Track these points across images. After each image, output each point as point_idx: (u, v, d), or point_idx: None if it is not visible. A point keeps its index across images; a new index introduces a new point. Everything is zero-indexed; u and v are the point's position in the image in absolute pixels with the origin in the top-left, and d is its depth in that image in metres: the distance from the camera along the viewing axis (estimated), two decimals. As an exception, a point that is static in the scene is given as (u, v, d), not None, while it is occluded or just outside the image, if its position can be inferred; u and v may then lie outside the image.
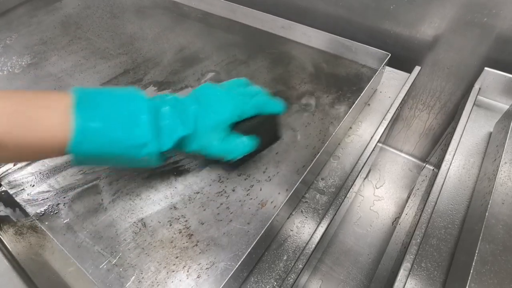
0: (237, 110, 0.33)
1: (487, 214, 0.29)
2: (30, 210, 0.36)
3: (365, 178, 0.69)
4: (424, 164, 0.68)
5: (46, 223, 0.35)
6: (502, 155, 0.34)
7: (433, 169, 0.64)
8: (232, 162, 0.35)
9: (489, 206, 0.30)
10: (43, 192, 0.38)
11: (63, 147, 0.27)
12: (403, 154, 0.72)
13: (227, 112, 0.32)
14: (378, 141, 0.42)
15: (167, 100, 0.32)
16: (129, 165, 0.34)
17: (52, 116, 0.27)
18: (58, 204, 0.36)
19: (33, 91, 0.28)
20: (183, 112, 0.32)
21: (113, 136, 0.28)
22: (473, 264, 0.26)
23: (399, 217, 0.63)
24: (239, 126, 0.34)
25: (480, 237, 0.28)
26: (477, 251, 0.27)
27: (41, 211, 0.36)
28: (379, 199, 0.67)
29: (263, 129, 0.36)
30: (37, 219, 0.35)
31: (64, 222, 0.35)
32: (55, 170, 0.40)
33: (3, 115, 0.26)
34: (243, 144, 0.34)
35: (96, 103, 0.29)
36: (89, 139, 0.28)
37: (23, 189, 0.38)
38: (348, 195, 0.38)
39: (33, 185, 0.38)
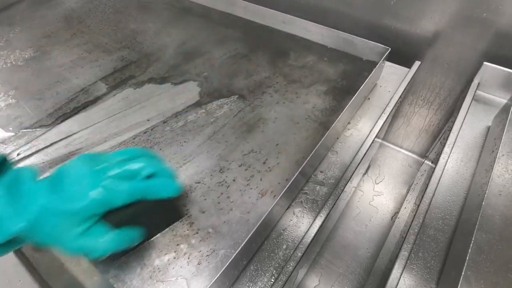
0: (100, 198, 0.26)
1: (483, 204, 0.30)
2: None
3: (364, 174, 0.69)
4: (423, 160, 0.69)
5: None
6: (499, 147, 0.34)
7: (432, 165, 0.64)
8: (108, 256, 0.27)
9: (485, 196, 0.30)
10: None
11: None
12: (402, 150, 0.72)
13: (85, 202, 0.25)
14: (378, 136, 0.43)
15: (8, 182, 0.26)
16: None
17: None
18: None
19: None
20: (24, 202, 0.25)
21: None
22: (469, 252, 0.27)
23: (398, 212, 0.63)
24: (121, 211, 0.27)
25: (476, 227, 0.28)
26: (473, 240, 0.28)
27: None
28: (379, 194, 0.67)
29: (157, 212, 0.31)
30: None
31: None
32: (58, 160, 0.40)
33: None
34: (107, 241, 0.27)
35: None
36: None
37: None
38: (347, 187, 0.38)
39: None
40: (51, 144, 0.42)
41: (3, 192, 0.25)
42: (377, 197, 0.67)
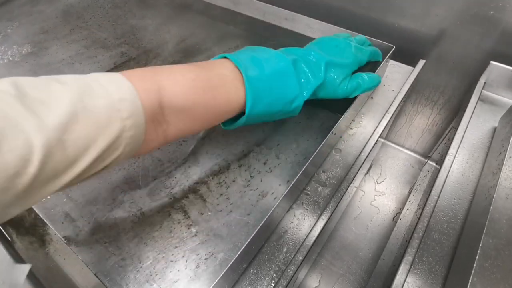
0: (357, 58, 0.39)
1: (491, 208, 0.29)
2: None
3: (366, 174, 0.68)
4: (426, 160, 0.68)
5: (44, 212, 0.35)
6: (507, 150, 0.33)
7: (435, 165, 0.63)
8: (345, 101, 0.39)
9: (493, 200, 0.29)
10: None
11: (239, 110, 0.33)
12: (405, 150, 0.71)
13: (352, 59, 0.38)
14: (381, 136, 0.42)
15: (298, 54, 0.36)
16: (277, 118, 0.37)
17: (227, 82, 0.31)
18: (57, 193, 0.36)
19: (202, 63, 0.32)
20: (315, 64, 0.36)
21: (274, 95, 0.33)
22: (476, 258, 0.26)
23: (400, 213, 0.62)
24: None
25: (484, 231, 0.28)
26: (480, 245, 0.27)
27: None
28: (380, 194, 0.66)
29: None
30: (35, 208, 0.35)
31: (62, 210, 0.34)
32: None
33: (196, 83, 0.29)
34: (364, 80, 0.39)
35: (254, 68, 0.32)
36: (257, 101, 0.32)
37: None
38: (349, 188, 0.37)
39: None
40: (47, 142, 0.41)
41: (305, 63, 0.36)
42: (379, 197, 0.66)
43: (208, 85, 0.30)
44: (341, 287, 0.56)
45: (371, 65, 0.44)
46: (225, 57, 0.34)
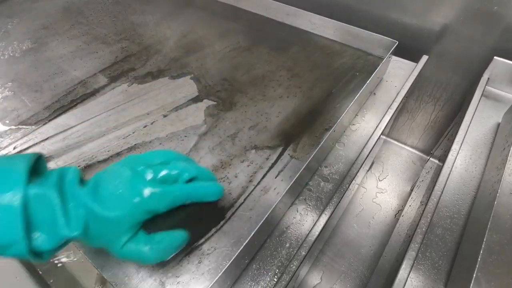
0: (144, 205, 0.25)
1: (495, 203, 0.28)
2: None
3: (368, 170, 0.68)
4: (428, 157, 0.68)
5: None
6: (511, 145, 0.33)
7: (438, 162, 0.63)
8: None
9: (497, 195, 0.29)
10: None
11: None
12: (407, 147, 0.71)
13: (128, 209, 0.25)
14: (383, 132, 0.41)
15: (55, 187, 0.25)
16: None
17: None
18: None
19: None
20: (71, 208, 0.25)
21: None
22: (480, 253, 0.26)
23: (401, 210, 0.62)
24: (163, 218, 0.27)
25: (488, 227, 0.27)
26: (484, 241, 0.27)
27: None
28: (382, 191, 0.66)
29: (199, 216, 0.30)
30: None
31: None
32: (55, 154, 0.39)
33: None
34: (156, 246, 0.26)
35: None
36: None
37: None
38: (351, 184, 0.37)
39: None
40: (48, 138, 0.41)
41: (55, 195, 0.24)
42: (381, 194, 0.66)
43: None
44: (343, 284, 0.56)
45: (367, 63, 0.43)
46: None
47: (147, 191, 0.25)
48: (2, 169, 0.24)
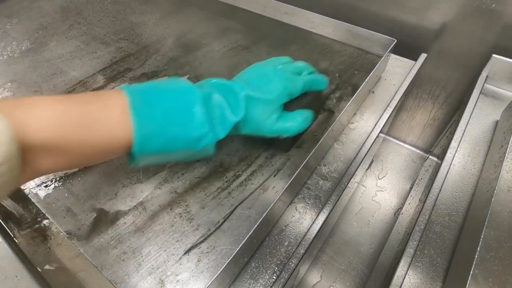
0: (286, 90, 0.33)
1: (493, 200, 0.29)
2: (31, 195, 0.36)
3: (367, 169, 0.68)
4: (428, 155, 0.68)
5: (46, 207, 0.35)
6: (509, 142, 0.33)
7: (437, 160, 0.63)
8: (288, 139, 0.36)
9: (495, 192, 0.29)
10: (43, 176, 0.37)
11: (126, 148, 0.28)
12: (406, 145, 0.71)
13: (277, 93, 0.32)
14: (382, 130, 0.42)
15: (214, 87, 0.31)
16: (187, 159, 0.33)
17: (111, 118, 0.26)
18: (59, 188, 0.36)
19: (83, 94, 0.28)
20: (233, 99, 0.31)
21: (172, 133, 0.28)
22: (478, 250, 0.26)
23: (401, 208, 0.62)
24: (288, 104, 0.35)
25: (485, 224, 0.27)
26: (481, 238, 0.27)
27: (40, 194, 0.36)
28: (382, 190, 0.66)
29: (312, 107, 0.37)
30: (36, 203, 0.35)
31: (64, 205, 0.34)
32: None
33: (66, 117, 0.25)
34: (296, 121, 0.34)
35: (150, 101, 0.28)
36: (150, 138, 0.27)
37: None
38: (350, 182, 0.37)
39: (33, 169, 0.38)
40: (48, 138, 0.41)
41: (219, 95, 0.31)
42: (380, 192, 0.66)
43: (84, 120, 0.26)
44: (343, 282, 0.56)
45: (365, 62, 0.43)
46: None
47: (289, 80, 0.34)
48: (172, 84, 0.31)
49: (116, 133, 0.27)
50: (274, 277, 0.30)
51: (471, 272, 0.25)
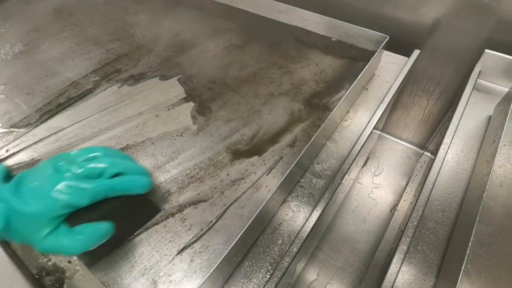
0: (61, 201, 0.26)
1: (484, 195, 0.29)
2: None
3: (363, 166, 0.68)
4: (423, 151, 0.68)
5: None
6: (501, 137, 0.33)
7: (432, 156, 0.63)
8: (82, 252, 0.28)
9: (486, 187, 0.29)
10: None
11: None
12: (402, 142, 0.71)
13: (47, 205, 0.25)
14: (376, 128, 0.42)
15: None
16: None
17: None
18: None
19: None
20: None
21: None
22: (469, 245, 0.26)
23: (397, 204, 0.62)
24: (90, 211, 0.27)
25: (477, 219, 0.27)
26: (473, 233, 0.27)
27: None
28: (378, 186, 0.66)
29: (129, 210, 0.30)
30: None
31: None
32: (47, 156, 0.39)
33: None
34: (75, 239, 0.26)
35: None
36: None
37: (15, 174, 0.37)
38: (345, 180, 0.37)
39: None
40: (40, 140, 0.41)
41: None
42: (376, 189, 0.66)
43: None
44: (340, 279, 0.56)
45: (357, 58, 0.43)
46: None
47: (61, 186, 0.26)
48: None
49: None
50: (268, 276, 0.30)
51: (463, 267, 0.25)
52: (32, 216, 0.25)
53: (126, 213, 0.30)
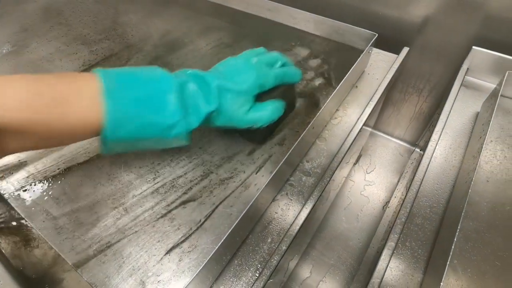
0: (259, 81, 0.33)
1: (470, 191, 0.29)
2: (11, 199, 0.35)
3: (355, 163, 0.68)
4: (414, 148, 0.68)
5: (25, 211, 0.34)
6: (487, 133, 0.33)
7: (421, 152, 0.64)
8: (262, 130, 0.36)
9: (472, 183, 0.29)
10: (22, 178, 0.37)
11: (96, 132, 0.27)
12: (393, 139, 0.72)
13: (249, 84, 0.33)
14: (368, 125, 0.42)
15: (190, 77, 0.32)
16: (158, 147, 0.33)
17: (83, 100, 0.26)
18: (37, 190, 0.36)
19: (57, 73, 0.28)
20: (207, 88, 0.31)
21: (144, 119, 0.28)
22: (455, 241, 0.26)
23: (389, 201, 0.63)
24: (260, 96, 0.35)
25: (463, 215, 0.28)
26: (459, 228, 0.27)
27: (20, 198, 0.35)
28: (370, 184, 0.66)
29: (284, 98, 0.37)
30: (16, 207, 0.34)
31: (43, 208, 0.34)
32: (34, 157, 0.39)
33: (37, 98, 0.25)
34: (267, 111, 0.34)
35: (124, 85, 0.28)
36: (122, 123, 0.27)
37: (2, 176, 0.37)
38: (337, 177, 0.37)
39: (12, 173, 0.37)
40: (28, 141, 0.41)
41: (194, 84, 0.31)
42: (368, 186, 0.66)
43: (55, 102, 0.25)
44: (332, 276, 0.56)
45: (348, 57, 0.43)
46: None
47: (261, 72, 0.34)
48: (148, 70, 0.31)
49: (87, 116, 0.26)
50: (257, 274, 0.30)
51: (448, 262, 0.25)
52: (240, 93, 0.32)
53: (286, 99, 0.37)
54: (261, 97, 0.35)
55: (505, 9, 0.43)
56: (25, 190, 0.36)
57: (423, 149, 0.53)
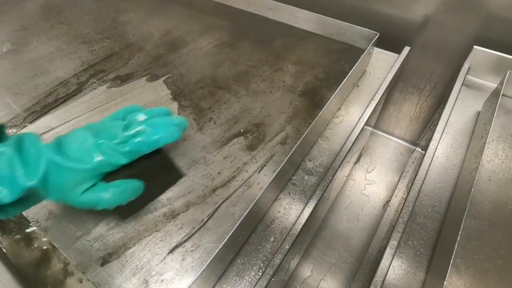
0: (106, 160, 0.28)
1: (472, 190, 0.29)
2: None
3: (356, 163, 0.68)
4: (415, 148, 0.68)
5: (29, 211, 0.34)
6: (489, 132, 0.33)
7: (423, 152, 0.64)
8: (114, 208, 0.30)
9: (474, 182, 0.29)
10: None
11: None
12: (394, 138, 0.72)
13: (87, 163, 0.28)
14: (369, 124, 0.42)
15: (17, 144, 0.28)
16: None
17: None
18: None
19: None
20: (33, 161, 0.27)
21: None
22: (458, 240, 0.26)
23: (389, 200, 0.63)
24: (129, 167, 0.30)
25: (465, 214, 0.28)
26: (462, 227, 0.27)
27: (22, 198, 0.35)
28: (371, 183, 0.67)
29: (158, 169, 0.33)
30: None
31: (47, 208, 0.34)
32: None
33: None
34: (110, 194, 0.29)
35: None
36: None
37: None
38: (338, 176, 0.37)
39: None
40: (29, 140, 0.41)
41: (13, 152, 0.27)
42: (369, 185, 0.66)
43: None
44: (333, 275, 0.56)
45: (349, 56, 0.43)
46: None
47: (108, 149, 0.29)
48: None
49: None
50: (260, 273, 0.30)
51: (451, 261, 0.25)
52: (75, 171, 0.28)
53: (155, 174, 0.33)
54: (122, 172, 0.30)
55: (506, 9, 0.43)
56: (27, 190, 0.36)
57: (425, 148, 0.53)
